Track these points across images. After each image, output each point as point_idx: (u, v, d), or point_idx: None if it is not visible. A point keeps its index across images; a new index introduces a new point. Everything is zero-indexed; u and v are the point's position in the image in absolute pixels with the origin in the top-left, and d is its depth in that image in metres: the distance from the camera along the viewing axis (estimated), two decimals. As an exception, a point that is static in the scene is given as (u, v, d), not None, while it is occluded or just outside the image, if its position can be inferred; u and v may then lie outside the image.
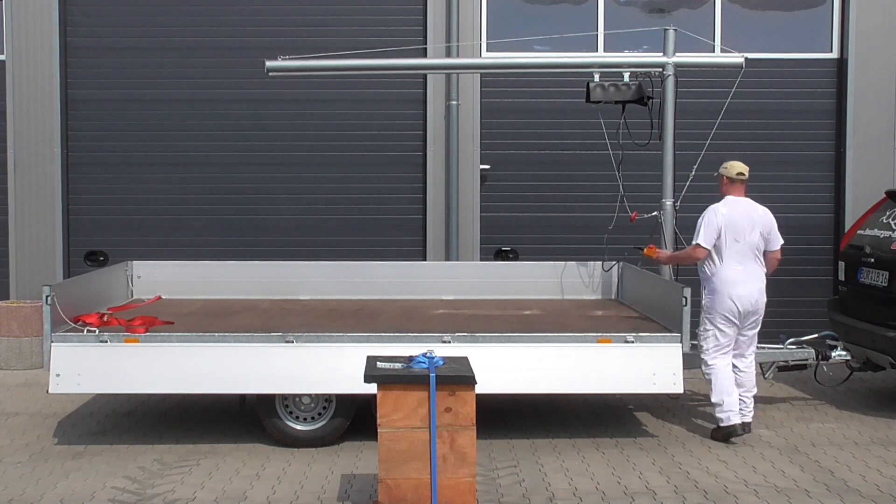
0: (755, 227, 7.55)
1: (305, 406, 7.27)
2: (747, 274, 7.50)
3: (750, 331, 7.63)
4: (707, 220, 7.51)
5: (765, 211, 7.68)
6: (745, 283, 7.47)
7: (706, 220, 7.51)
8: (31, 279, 10.69)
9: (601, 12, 10.81)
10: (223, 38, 10.87)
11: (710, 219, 7.50)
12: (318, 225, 10.91)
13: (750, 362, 7.72)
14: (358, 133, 10.88)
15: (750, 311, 7.50)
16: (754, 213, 7.61)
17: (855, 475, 6.66)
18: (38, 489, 6.28)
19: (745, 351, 7.69)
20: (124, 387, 7.10)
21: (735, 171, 7.66)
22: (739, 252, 7.49)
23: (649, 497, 6.18)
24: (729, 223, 7.48)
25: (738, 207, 7.59)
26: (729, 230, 7.48)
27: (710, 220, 7.49)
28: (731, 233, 7.48)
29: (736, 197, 7.65)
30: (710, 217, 7.52)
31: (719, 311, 7.47)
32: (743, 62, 8.66)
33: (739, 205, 7.61)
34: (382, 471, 5.33)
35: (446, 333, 7.12)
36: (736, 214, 7.53)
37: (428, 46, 10.68)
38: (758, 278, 7.56)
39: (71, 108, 10.92)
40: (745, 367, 7.69)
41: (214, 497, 6.15)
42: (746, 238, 7.50)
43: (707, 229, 7.48)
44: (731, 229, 7.48)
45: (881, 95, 10.79)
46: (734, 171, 7.66)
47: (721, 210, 7.53)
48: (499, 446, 7.27)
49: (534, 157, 10.91)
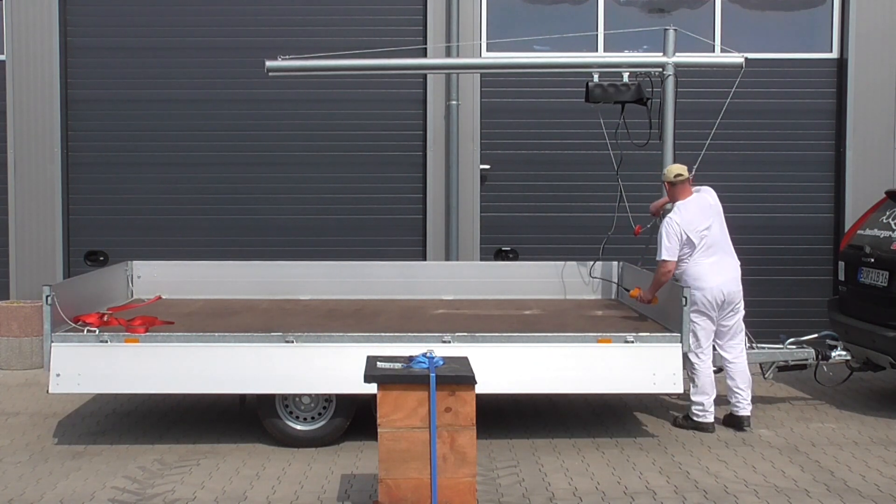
0: (712, 216, 7.73)
1: (305, 406, 7.27)
2: (716, 266, 7.67)
3: (729, 320, 7.75)
4: (665, 234, 7.64)
5: (709, 192, 7.86)
6: (714, 276, 7.63)
7: (665, 234, 7.64)
8: (31, 279, 10.69)
9: (601, 12, 10.82)
10: (223, 38, 10.87)
11: (667, 231, 7.64)
12: (318, 225, 10.91)
13: (738, 353, 7.81)
14: (358, 133, 10.88)
15: (723, 300, 7.64)
16: (705, 204, 7.77)
17: (855, 475, 6.66)
18: (38, 489, 6.29)
19: (731, 341, 7.79)
20: (124, 387, 7.10)
21: (673, 174, 7.78)
22: (705, 247, 7.67)
23: (649, 497, 6.18)
24: (686, 226, 7.62)
25: (690, 208, 7.72)
26: (690, 233, 7.62)
27: (669, 233, 7.63)
28: (692, 235, 7.63)
29: (684, 199, 7.77)
30: (667, 230, 7.65)
31: (698, 305, 7.56)
32: (743, 62, 8.66)
33: (690, 205, 7.74)
34: (382, 471, 5.33)
35: (446, 333, 7.12)
36: (689, 216, 7.68)
37: (428, 46, 10.68)
38: (728, 268, 7.73)
39: (71, 108, 10.92)
40: (733, 359, 7.80)
41: (214, 497, 6.15)
42: (707, 233, 7.67)
43: (668, 242, 7.62)
44: (690, 231, 7.63)
45: (881, 95, 10.79)
46: (672, 174, 7.79)
47: (675, 219, 7.66)
48: (499, 446, 7.27)
49: (534, 157, 10.91)
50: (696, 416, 7.73)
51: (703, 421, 7.70)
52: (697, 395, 7.71)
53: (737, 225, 10.81)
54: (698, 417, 7.71)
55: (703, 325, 7.67)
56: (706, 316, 7.66)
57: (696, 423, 7.73)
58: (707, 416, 7.70)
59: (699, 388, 7.69)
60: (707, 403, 7.68)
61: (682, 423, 7.81)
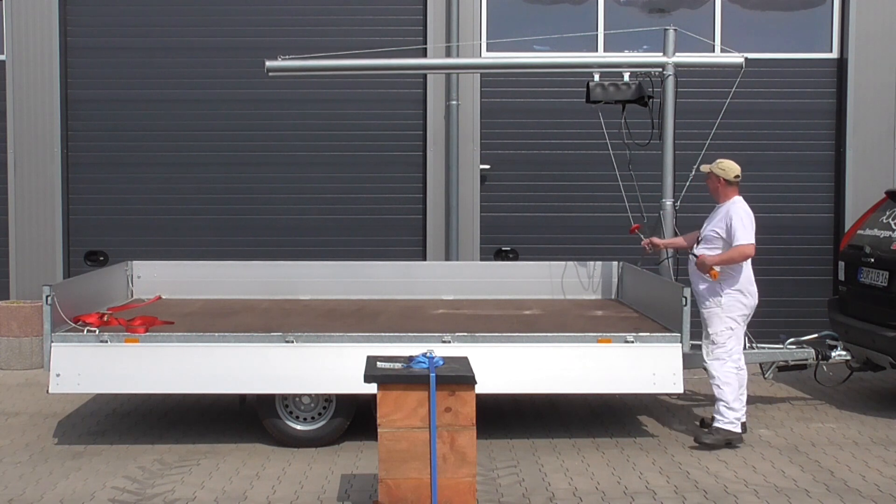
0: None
1: (305, 406, 7.27)
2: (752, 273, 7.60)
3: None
4: (742, 221, 7.36)
5: None
6: (754, 282, 7.55)
7: (741, 221, 7.36)
8: (31, 279, 10.69)
9: (601, 12, 10.81)
10: (223, 38, 10.87)
11: (743, 219, 7.38)
12: (318, 225, 10.91)
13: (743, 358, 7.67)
14: (358, 133, 10.88)
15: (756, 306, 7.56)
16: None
17: (855, 475, 6.66)
18: (38, 489, 6.29)
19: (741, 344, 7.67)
20: (124, 387, 7.10)
21: (734, 174, 7.58)
22: None
23: (649, 497, 6.18)
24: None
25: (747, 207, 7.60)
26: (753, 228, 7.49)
27: (746, 221, 7.39)
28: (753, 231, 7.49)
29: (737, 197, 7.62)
30: (743, 218, 7.39)
31: (740, 309, 7.40)
32: (743, 62, 8.66)
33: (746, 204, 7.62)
34: (382, 471, 5.33)
35: (446, 333, 7.12)
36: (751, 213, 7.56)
37: (428, 46, 10.68)
38: None
39: (71, 108, 10.92)
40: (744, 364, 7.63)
41: (214, 497, 6.15)
42: None
43: (748, 228, 7.37)
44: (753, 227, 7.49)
45: (881, 95, 10.79)
46: (732, 174, 7.57)
47: (747, 209, 7.50)
48: (499, 446, 7.27)
49: (534, 157, 10.91)
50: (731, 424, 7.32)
51: (737, 431, 7.36)
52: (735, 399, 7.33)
53: (737, 225, 10.89)
54: (734, 428, 7.34)
55: (742, 330, 7.51)
56: (745, 322, 7.51)
57: (731, 434, 7.32)
58: (739, 424, 7.40)
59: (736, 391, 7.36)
60: (739, 405, 7.37)
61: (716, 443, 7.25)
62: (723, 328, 7.40)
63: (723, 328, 7.40)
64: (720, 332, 7.41)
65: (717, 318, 7.41)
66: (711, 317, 7.45)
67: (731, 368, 7.38)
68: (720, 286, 7.38)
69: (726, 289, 7.39)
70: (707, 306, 7.48)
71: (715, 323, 7.43)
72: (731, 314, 7.39)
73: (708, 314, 7.48)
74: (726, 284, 7.38)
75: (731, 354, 7.39)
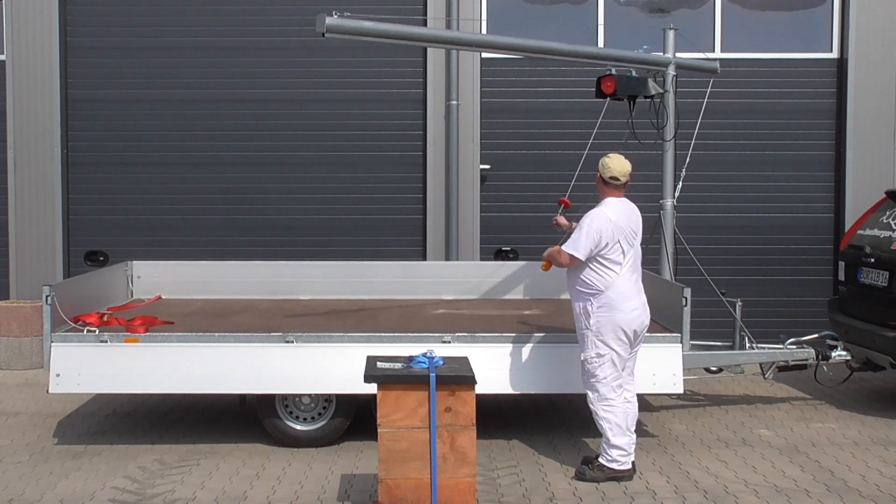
0: (638, 232, 6.61)
1: (305, 406, 7.27)
2: (638, 286, 6.55)
3: (636, 349, 6.64)
4: (596, 230, 6.35)
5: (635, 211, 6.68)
6: (639, 296, 6.50)
7: (595, 229, 6.35)
8: (31, 279, 10.69)
9: (601, 12, 10.82)
10: (223, 38, 10.87)
11: (591, 225, 6.38)
12: (318, 225, 10.91)
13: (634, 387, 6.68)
14: (358, 133, 10.88)
15: (642, 327, 6.53)
16: (635, 213, 6.64)
17: (855, 475, 6.66)
18: (38, 489, 6.28)
19: (630, 376, 6.63)
20: (124, 387, 7.10)
21: (626, 172, 6.56)
22: (632, 261, 6.48)
23: (649, 497, 6.18)
24: (616, 228, 6.40)
25: (625, 208, 6.57)
26: (620, 237, 6.41)
27: (592, 228, 6.36)
28: (622, 239, 6.41)
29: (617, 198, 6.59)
30: (591, 223, 6.39)
31: (614, 330, 6.36)
32: (718, 67, 8.70)
33: (625, 205, 6.59)
34: (382, 471, 5.34)
35: (446, 333, 7.12)
36: (623, 218, 6.49)
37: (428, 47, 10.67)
38: (642, 291, 6.60)
39: (71, 108, 10.92)
40: (632, 397, 6.61)
41: (214, 497, 6.15)
42: (635, 244, 6.52)
43: (586, 239, 6.36)
44: (621, 235, 6.42)
45: (881, 95, 10.79)
46: (624, 172, 6.56)
47: (608, 214, 6.43)
48: (499, 446, 7.27)
49: (534, 157, 10.91)
50: (616, 462, 6.41)
51: (622, 469, 6.42)
52: (618, 435, 6.39)
53: (737, 225, 10.92)
54: (618, 464, 6.41)
55: (622, 354, 6.42)
56: (627, 344, 6.43)
57: (614, 471, 6.41)
58: (627, 462, 6.45)
59: (617, 426, 6.41)
60: (625, 443, 6.42)
61: (593, 476, 6.41)
62: (593, 354, 6.43)
63: (593, 354, 6.43)
64: (591, 357, 6.45)
65: (588, 341, 6.46)
66: (582, 338, 6.51)
67: (610, 401, 6.43)
68: (590, 302, 6.40)
69: (595, 304, 6.40)
70: (578, 326, 6.55)
71: (586, 346, 6.47)
72: (602, 336, 6.39)
73: (579, 335, 6.56)
74: (594, 299, 6.40)
75: (608, 384, 6.42)
